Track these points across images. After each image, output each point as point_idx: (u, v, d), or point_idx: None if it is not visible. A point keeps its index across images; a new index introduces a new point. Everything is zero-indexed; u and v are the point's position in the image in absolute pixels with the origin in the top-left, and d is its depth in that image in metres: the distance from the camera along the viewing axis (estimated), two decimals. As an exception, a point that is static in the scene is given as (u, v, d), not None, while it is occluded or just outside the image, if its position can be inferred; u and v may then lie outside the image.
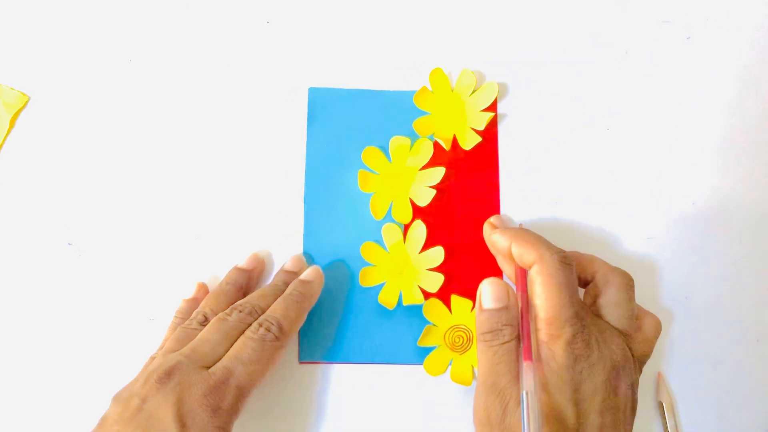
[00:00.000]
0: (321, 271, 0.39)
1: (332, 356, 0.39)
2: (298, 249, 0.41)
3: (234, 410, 0.33)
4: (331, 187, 0.42)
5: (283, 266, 0.40)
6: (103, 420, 0.33)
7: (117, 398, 0.33)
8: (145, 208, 0.42)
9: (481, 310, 0.34)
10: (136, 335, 0.39)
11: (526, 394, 0.30)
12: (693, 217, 0.41)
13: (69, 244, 0.41)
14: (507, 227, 0.38)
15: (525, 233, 0.35)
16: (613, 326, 0.33)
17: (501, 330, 0.33)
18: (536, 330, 0.33)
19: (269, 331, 0.35)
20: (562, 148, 0.42)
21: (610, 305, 0.34)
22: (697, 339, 0.40)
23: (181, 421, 0.31)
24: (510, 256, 0.36)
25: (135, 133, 0.43)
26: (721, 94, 0.43)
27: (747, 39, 0.44)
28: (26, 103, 0.43)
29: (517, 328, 0.33)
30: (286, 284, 0.38)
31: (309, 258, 0.41)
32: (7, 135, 0.43)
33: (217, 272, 0.41)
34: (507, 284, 0.35)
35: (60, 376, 0.39)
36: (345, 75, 0.43)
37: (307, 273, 0.39)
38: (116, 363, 0.39)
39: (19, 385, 0.39)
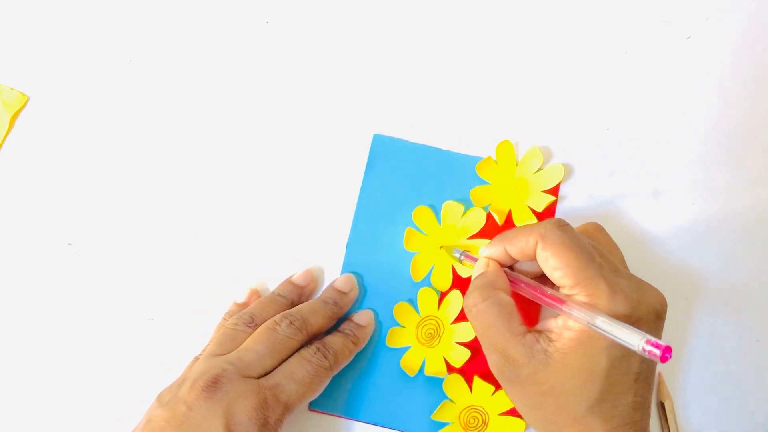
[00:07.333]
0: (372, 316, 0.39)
1: (342, 410, 0.38)
2: None
3: (277, 426, 0.33)
4: (375, 238, 0.41)
5: (333, 283, 0.39)
6: (148, 421, 0.32)
7: (160, 400, 0.33)
8: (144, 208, 0.41)
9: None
10: (136, 335, 0.39)
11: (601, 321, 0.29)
12: (693, 217, 0.41)
13: (69, 244, 0.41)
14: (488, 244, 0.36)
15: (508, 233, 0.34)
16: (641, 279, 0.33)
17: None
18: (574, 302, 0.31)
19: (326, 358, 0.35)
20: (564, 150, 0.42)
21: (609, 246, 0.36)
22: (697, 339, 0.40)
23: None
24: (511, 259, 0.35)
25: (135, 133, 0.43)
26: (722, 94, 0.43)
27: (747, 39, 0.44)
28: (26, 103, 0.43)
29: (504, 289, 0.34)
30: (335, 302, 0.38)
31: None
32: (6, 135, 0.43)
33: (228, 274, 0.40)
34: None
35: (59, 375, 0.39)
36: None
37: (364, 318, 0.39)
38: (116, 363, 0.39)
39: (17, 385, 0.39)
